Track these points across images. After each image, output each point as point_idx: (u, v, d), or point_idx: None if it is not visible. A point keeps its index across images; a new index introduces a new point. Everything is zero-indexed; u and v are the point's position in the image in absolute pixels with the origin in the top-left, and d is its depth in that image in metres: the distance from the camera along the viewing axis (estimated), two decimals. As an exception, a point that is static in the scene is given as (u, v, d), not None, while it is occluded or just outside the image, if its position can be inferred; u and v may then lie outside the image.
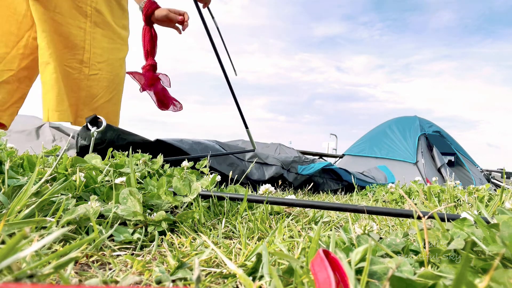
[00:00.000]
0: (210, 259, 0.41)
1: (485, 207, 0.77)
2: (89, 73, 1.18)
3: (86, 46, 1.17)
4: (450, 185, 1.25)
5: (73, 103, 1.16)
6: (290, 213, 0.72)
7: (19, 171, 0.65)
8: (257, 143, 1.85)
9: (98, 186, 0.64)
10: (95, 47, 1.19)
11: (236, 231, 0.58)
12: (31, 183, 0.45)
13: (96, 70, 1.20)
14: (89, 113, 1.19)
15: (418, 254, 0.38)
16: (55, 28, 1.11)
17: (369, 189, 1.65)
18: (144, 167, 0.87)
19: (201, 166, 1.02)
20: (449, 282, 0.28)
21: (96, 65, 1.20)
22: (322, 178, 1.77)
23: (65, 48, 1.14)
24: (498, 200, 0.70)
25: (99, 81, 1.21)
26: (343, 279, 0.27)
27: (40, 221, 0.40)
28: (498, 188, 3.02)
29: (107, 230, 0.46)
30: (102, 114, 1.22)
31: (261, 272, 0.33)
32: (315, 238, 0.35)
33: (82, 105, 1.18)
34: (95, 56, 1.19)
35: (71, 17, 1.14)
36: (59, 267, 0.26)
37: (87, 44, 1.17)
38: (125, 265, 0.39)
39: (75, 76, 1.16)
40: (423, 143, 3.81)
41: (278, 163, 1.52)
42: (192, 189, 0.66)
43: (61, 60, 1.13)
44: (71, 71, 1.16)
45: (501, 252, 0.32)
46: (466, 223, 0.40)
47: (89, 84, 1.18)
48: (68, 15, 1.14)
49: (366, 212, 0.59)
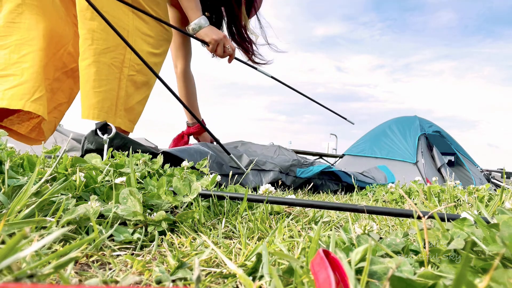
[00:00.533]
0: (210, 259, 0.41)
1: (485, 207, 0.77)
2: (128, 73, 1.20)
3: None
4: (450, 185, 1.25)
5: (114, 102, 1.18)
6: (290, 213, 0.72)
7: (19, 171, 0.65)
8: (255, 145, 1.85)
9: (98, 186, 0.64)
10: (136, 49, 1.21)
11: (236, 231, 0.58)
12: (31, 183, 0.45)
13: (134, 71, 1.22)
14: (123, 113, 1.21)
15: (418, 254, 0.38)
16: (102, 26, 1.13)
17: (369, 189, 1.64)
18: (144, 167, 0.87)
19: (201, 166, 1.02)
20: (449, 282, 0.28)
21: (135, 67, 1.22)
22: (320, 179, 1.77)
23: (111, 46, 1.16)
24: (498, 200, 0.70)
25: (135, 82, 1.23)
26: (343, 279, 0.27)
27: (40, 221, 0.40)
28: (498, 188, 3.02)
29: (107, 230, 0.46)
30: (133, 114, 1.25)
31: (261, 272, 0.33)
32: (315, 238, 0.35)
33: (121, 105, 1.20)
34: (135, 57, 1.21)
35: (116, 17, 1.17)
36: (59, 267, 0.26)
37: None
38: (125, 265, 0.39)
39: (117, 75, 1.18)
40: (423, 143, 3.81)
41: (276, 169, 1.52)
42: (192, 189, 0.66)
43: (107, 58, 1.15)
44: (115, 69, 1.18)
45: (501, 252, 0.32)
46: (466, 223, 0.40)
47: (127, 84, 1.21)
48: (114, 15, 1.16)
49: (366, 212, 0.59)
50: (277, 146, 1.79)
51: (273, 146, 1.80)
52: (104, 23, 1.11)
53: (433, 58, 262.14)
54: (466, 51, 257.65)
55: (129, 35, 1.20)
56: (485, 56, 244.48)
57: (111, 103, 1.17)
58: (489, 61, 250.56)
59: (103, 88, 1.15)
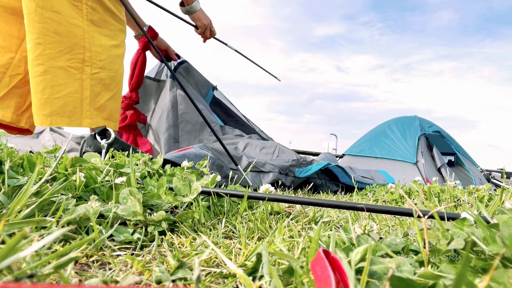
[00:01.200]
0: (210, 259, 0.41)
1: (485, 207, 0.77)
2: (91, 72, 1.16)
3: (86, 44, 1.15)
4: (450, 185, 1.25)
5: (78, 105, 1.14)
6: (290, 213, 0.72)
7: (19, 171, 0.65)
8: (255, 141, 1.84)
9: (98, 186, 0.64)
10: (94, 45, 1.17)
11: (236, 231, 0.58)
12: (31, 183, 0.45)
13: (97, 68, 1.18)
14: (94, 112, 1.18)
15: (418, 254, 0.38)
16: (54, 28, 1.09)
17: (369, 189, 1.64)
18: (144, 167, 0.87)
19: (201, 166, 1.02)
20: (449, 282, 0.28)
21: (97, 63, 1.18)
22: (320, 179, 1.76)
23: (66, 48, 1.12)
24: (498, 200, 0.70)
25: (101, 80, 1.19)
26: (343, 279, 0.27)
27: (40, 221, 0.40)
28: (498, 188, 3.02)
29: (107, 230, 0.46)
30: (106, 112, 1.21)
31: (261, 272, 0.33)
32: (315, 238, 0.35)
33: (87, 105, 1.16)
34: (95, 54, 1.17)
35: (69, 16, 1.12)
36: (59, 267, 0.26)
37: (87, 43, 1.15)
38: (125, 265, 0.39)
39: (77, 77, 1.14)
40: (423, 143, 3.81)
41: (275, 170, 1.52)
42: (192, 189, 0.66)
43: (62, 61, 1.11)
44: (74, 71, 1.13)
45: (501, 252, 0.32)
46: (466, 223, 0.40)
47: (92, 83, 1.17)
48: (66, 14, 1.11)
49: (365, 210, 0.59)
50: (276, 144, 1.78)
51: (272, 143, 1.79)
52: (54, 25, 1.07)
53: (433, 58, 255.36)
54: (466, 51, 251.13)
55: (85, 32, 1.15)
56: (485, 56, 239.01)
57: (73, 106, 1.12)
58: (489, 61, 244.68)
59: (62, 93, 1.10)
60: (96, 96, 1.18)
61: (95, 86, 1.17)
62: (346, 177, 1.79)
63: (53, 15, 1.08)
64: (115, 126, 1.26)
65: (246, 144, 1.74)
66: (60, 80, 1.10)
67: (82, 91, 1.15)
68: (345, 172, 1.79)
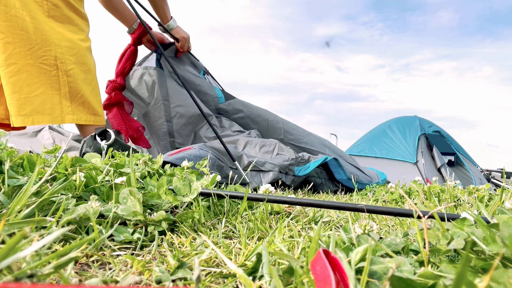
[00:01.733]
0: (210, 259, 0.41)
1: (485, 207, 0.77)
2: (66, 68, 1.15)
3: (55, 40, 1.14)
4: (450, 185, 1.25)
5: (57, 101, 1.13)
6: (290, 212, 0.72)
7: (19, 171, 0.65)
8: (255, 139, 1.83)
9: (98, 186, 0.64)
10: (63, 40, 1.16)
11: (236, 231, 0.58)
12: (31, 183, 0.45)
13: (72, 64, 1.17)
14: (77, 108, 1.17)
15: (418, 254, 0.38)
16: (20, 25, 1.07)
17: (369, 189, 1.65)
18: (144, 167, 0.87)
19: (201, 166, 1.02)
20: (449, 282, 0.28)
21: (71, 59, 1.17)
22: (320, 179, 1.76)
23: (36, 45, 1.09)
24: (498, 200, 0.70)
25: (78, 75, 1.18)
26: (343, 278, 0.27)
27: (40, 221, 0.40)
28: (498, 188, 3.02)
29: (107, 230, 0.46)
30: (90, 107, 1.20)
31: (261, 272, 0.33)
32: (315, 238, 0.35)
33: (67, 101, 1.15)
34: (67, 50, 1.16)
35: (34, 12, 1.10)
36: (59, 267, 0.26)
37: (56, 38, 1.14)
38: (125, 265, 0.39)
39: (53, 74, 1.12)
40: (423, 143, 3.81)
41: (275, 169, 1.51)
42: (192, 189, 0.66)
43: (34, 58, 1.09)
44: (48, 68, 1.12)
45: (501, 252, 0.32)
46: (466, 223, 0.40)
47: (69, 79, 1.15)
48: (30, 10, 1.09)
49: (366, 211, 0.59)
50: (276, 141, 1.78)
51: (272, 141, 1.78)
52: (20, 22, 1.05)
53: (433, 58, 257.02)
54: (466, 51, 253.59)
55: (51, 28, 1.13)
56: (485, 56, 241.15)
57: (52, 103, 1.11)
58: (489, 61, 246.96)
59: (38, 90, 1.09)
60: (77, 92, 1.17)
61: (73, 82, 1.16)
62: (341, 172, 1.78)
63: (17, 12, 1.06)
64: (102, 120, 1.25)
65: (246, 143, 1.74)
66: (35, 78, 1.09)
67: (60, 87, 1.13)
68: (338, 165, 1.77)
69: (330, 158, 1.73)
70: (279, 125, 1.99)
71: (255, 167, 1.46)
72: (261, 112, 2.02)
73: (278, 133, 1.97)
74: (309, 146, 1.98)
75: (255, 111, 2.01)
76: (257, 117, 2.00)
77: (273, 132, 1.97)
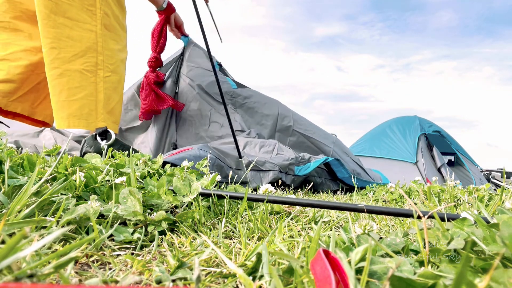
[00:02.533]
0: (210, 258, 0.41)
1: (485, 207, 0.77)
2: (104, 75, 1.20)
3: (98, 48, 1.19)
4: (450, 185, 1.25)
5: (93, 108, 1.17)
6: (290, 212, 0.72)
7: (19, 170, 0.65)
8: (254, 139, 1.85)
9: (98, 186, 0.64)
10: (106, 49, 1.21)
11: (236, 231, 0.58)
12: (31, 183, 0.45)
13: (109, 72, 1.22)
14: (106, 115, 1.21)
15: (418, 254, 0.38)
16: (67, 33, 1.13)
17: (369, 189, 1.64)
18: (144, 167, 0.87)
19: (201, 166, 1.02)
20: (449, 281, 0.28)
21: (109, 67, 1.22)
22: (320, 178, 1.76)
23: (80, 52, 1.15)
24: (498, 200, 0.70)
25: (112, 83, 1.23)
26: (343, 278, 0.27)
27: (40, 220, 0.40)
28: (498, 188, 3.02)
29: (107, 230, 0.46)
30: (114, 116, 1.25)
31: (261, 271, 0.33)
32: (315, 237, 0.35)
33: (101, 108, 1.20)
34: (107, 58, 1.21)
35: (81, 21, 1.16)
36: (59, 266, 0.26)
37: (100, 47, 1.19)
38: (125, 265, 0.39)
39: (92, 80, 1.18)
40: (423, 143, 3.81)
41: (275, 168, 1.52)
42: (192, 188, 0.66)
43: (77, 64, 1.15)
44: (89, 74, 1.17)
45: (501, 251, 0.32)
46: (466, 223, 0.41)
47: (105, 86, 1.20)
48: (78, 19, 1.15)
49: (366, 212, 0.59)
50: (275, 141, 1.78)
51: (271, 141, 1.79)
52: (67, 30, 1.11)
53: (433, 58, 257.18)
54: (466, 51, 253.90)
55: (97, 36, 1.19)
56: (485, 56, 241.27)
57: (89, 109, 1.16)
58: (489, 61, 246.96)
59: (78, 95, 1.14)
60: (108, 99, 1.22)
61: (108, 89, 1.21)
62: (343, 171, 1.78)
63: (65, 21, 1.12)
64: (117, 128, 1.29)
65: (246, 143, 1.74)
66: (76, 83, 1.14)
67: (96, 94, 1.18)
68: (341, 164, 1.77)
69: (332, 159, 1.73)
70: (288, 113, 2.06)
71: (255, 167, 1.46)
72: (272, 100, 2.11)
73: (287, 121, 2.04)
74: (316, 137, 2.04)
75: (266, 98, 2.10)
76: (268, 102, 2.08)
77: (282, 119, 2.04)
